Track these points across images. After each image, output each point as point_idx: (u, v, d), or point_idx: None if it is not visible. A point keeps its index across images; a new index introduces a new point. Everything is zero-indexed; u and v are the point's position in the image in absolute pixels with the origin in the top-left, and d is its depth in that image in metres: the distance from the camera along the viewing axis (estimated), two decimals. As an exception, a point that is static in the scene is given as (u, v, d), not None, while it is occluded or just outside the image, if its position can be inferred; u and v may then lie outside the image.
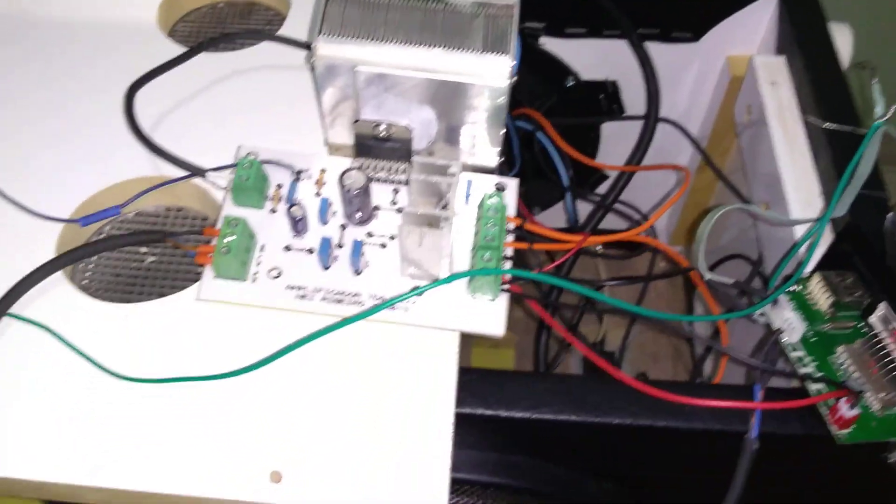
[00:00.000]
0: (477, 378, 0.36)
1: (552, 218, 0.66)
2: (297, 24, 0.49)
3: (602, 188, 0.65)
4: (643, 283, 0.62)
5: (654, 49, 0.57)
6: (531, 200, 0.61)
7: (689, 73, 0.62)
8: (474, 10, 0.37)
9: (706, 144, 0.62)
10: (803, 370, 0.35)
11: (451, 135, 0.39)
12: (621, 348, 0.62)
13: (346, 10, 0.37)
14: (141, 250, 0.41)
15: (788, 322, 0.36)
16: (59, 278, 0.37)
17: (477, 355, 0.67)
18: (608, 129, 0.63)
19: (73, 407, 0.34)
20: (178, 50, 0.47)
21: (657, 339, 0.69)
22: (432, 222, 0.35)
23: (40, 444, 0.33)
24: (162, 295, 0.38)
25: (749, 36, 0.58)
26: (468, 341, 0.64)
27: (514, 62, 0.36)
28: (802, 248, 0.40)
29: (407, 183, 0.39)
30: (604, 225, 0.55)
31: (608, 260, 0.69)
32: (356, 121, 0.39)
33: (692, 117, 0.64)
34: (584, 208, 0.59)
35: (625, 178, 0.52)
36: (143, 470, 0.33)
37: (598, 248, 0.67)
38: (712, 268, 0.57)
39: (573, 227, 0.54)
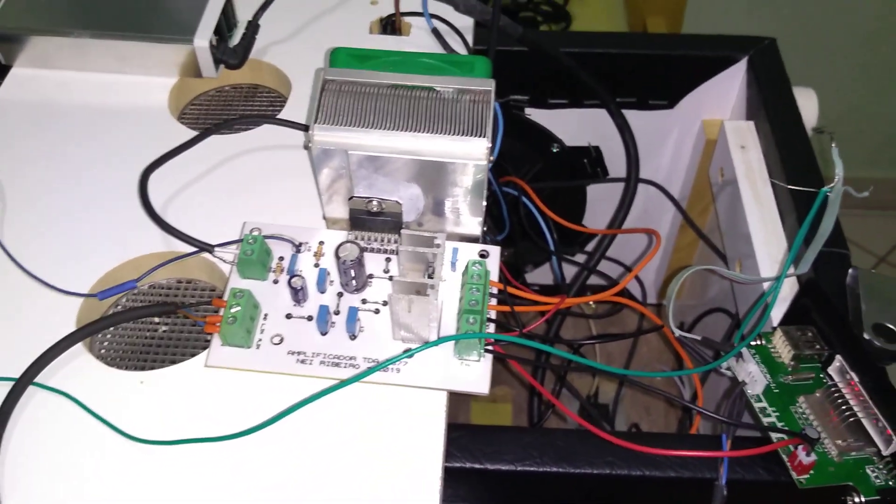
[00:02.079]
0: (465, 434, 0.39)
1: (546, 275, 0.69)
2: (297, 104, 0.53)
3: (590, 245, 0.68)
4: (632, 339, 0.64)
5: (634, 116, 0.61)
6: (522, 260, 0.64)
7: (670, 137, 0.65)
8: (455, 95, 0.41)
9: (686, 204, 0.65)
10: (766, 420, 0.38)
11: (437, 208, 0.42)
12: (614, 401, 0.64)
13: (340, 100, 0.41)
14: (154, 320, 0.44)
15: (751, 375, 0.38)
16: (79, 349, 0.40)
17: (476, 410, 0.69)
18: (594, 191, 0.66)
19: (92, 469, 0.36)
20: (187, 133, 0.50)
21: (648, 391, 0.70)
22: (420, 290, 0.38)
23: (63, 504, 0.35)
24: (174, 362, 0.40)
25: (722, 102, 0.61)
26: (467, 398, 0.66)
27: (491, 144, 0.39)
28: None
29: (397, 253, 0.42)
30: (594, 280, 0.57)
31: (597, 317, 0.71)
32: (351, 197, 0.42)
33: (674, 179, 0.67)
34: (574, 266, 0.62)
35: (607, 240, 0.55)
36: (158, 527, 0.35)
37: (592, 305, 0.70)
38: (697, 321, 0.60)
39: (559, 288, 0.56)
